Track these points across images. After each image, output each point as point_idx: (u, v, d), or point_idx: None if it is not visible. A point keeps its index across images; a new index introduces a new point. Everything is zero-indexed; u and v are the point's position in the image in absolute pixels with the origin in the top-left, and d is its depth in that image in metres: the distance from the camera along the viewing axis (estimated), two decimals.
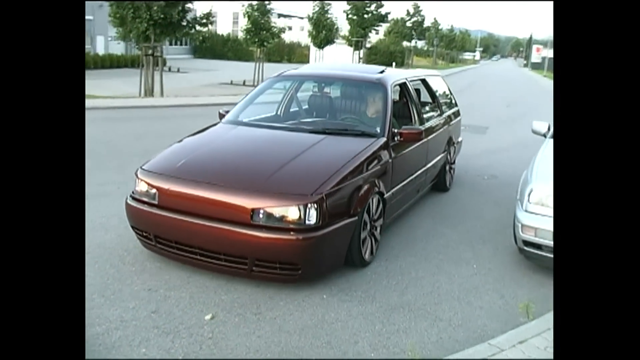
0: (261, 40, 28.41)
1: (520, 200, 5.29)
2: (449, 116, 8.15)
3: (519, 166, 7.27)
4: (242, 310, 4.24)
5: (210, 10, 20.34)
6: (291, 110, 7.03)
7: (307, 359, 3.67)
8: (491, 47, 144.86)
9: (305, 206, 4.36)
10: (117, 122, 13.41)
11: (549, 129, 6.62)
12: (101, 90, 20.48)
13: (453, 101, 8.96)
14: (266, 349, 3.74)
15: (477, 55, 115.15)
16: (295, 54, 61.87)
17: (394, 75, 6.86)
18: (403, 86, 6.79)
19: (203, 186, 4.63)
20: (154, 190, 4.81)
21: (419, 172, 6.67)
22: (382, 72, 6.94)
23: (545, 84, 41.98)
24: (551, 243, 4.81)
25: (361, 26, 35.70)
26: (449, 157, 8.04)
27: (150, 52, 19.29)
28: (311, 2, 37.29)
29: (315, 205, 4.37)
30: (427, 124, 6.95)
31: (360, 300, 4.53)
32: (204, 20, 20.01)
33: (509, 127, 15.16)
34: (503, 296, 4.77)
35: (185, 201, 4.64)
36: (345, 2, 37.85)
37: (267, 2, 28.56)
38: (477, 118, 15.61)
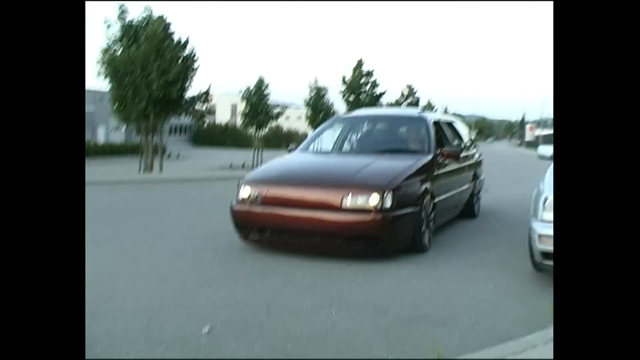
0: (259, 123, 28.71)
1: (535, 213, 5.03)
2: (472, 154, 9.47)
3: (521, 215, 7.97)
4: (243, 324, 3.89)
5: (209, 89, 20.60)
6: (351, 141, 8.29)
7: (306, 359, 3.30)
8: (485, 130, 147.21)
9: (383, 193, 5.69)
10: (114, 193, 13.25)
11: (553, 151, 6.47)
12: (100, 173, 20.45)
13: (474, 143, 10.40)
14: (270, 355, 3.36)
15: (473, 137, 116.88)
16: (293, 141, 62.66)
17: (430, 113, 8.69)
18: (437, 123, 8.00)
19: (301, 186, 6.13)
20: (256, 193, 6.15)
21: (455, 190, 7.87)
22: (420, 111, 8.68)
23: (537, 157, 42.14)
24: None
25: (357, 106, 36.09)
26: (475, 187, 9.19)
27: (150, 129, 19.38)
28: (307, 88, 38.12)
29: (391, 193, 5.73)
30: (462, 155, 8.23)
31: (372, 314, 4.17)
32: (202, 98, 20.24)
33: (507, 188, 15.05)
34: (526, 308, 4.40)
35: (286, 198, 6.02)
36: (341, 83, 38.48)
37: (264, 86, 29.05)
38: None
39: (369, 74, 39.02)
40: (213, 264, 5.67)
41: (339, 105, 38.77)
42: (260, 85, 28.86)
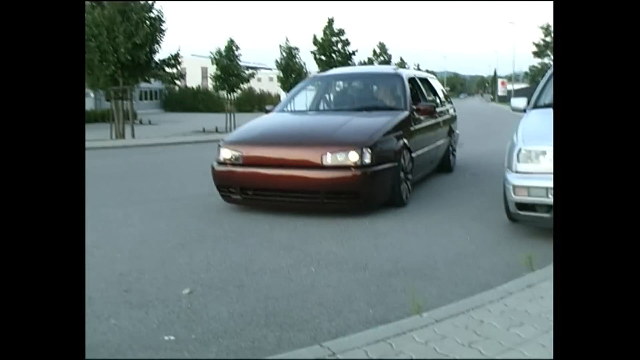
0: (231, 86, 28.37)
1: (509, 165, 5.06)
2: (447, 109, 9.62)
3: (495, 167, 7.98)
4: (223, 284, 3.89)
5: (178, 52, 20.24)
6: (328, 100, 8.52)
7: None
8: (457, 86, 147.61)
9: (362, 150, 5.78)
10: (88, 159, 13.03)
11: (527, 102, 6.50)
12: None
13: (449, 99, 10.50)
14: (252, 314, 3.37)
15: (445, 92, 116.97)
16: (265, 103, 61.98)
17: (405, 70, 9.00)
18: (412, 80, 8.15)
19: (282, 145, 6.21)
20: (237, 154, 6.22)
21: (432, 145, 7.95)
22: (395, 68, 8.96)
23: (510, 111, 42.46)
24: (545, 200, 4.62)
25: (329, 66, 35.87)
26: (451, 142, 9.35)
27: (119, 95, 19.04)
28: (278, 49, 37.67)
29: (369, 150, 5.82)
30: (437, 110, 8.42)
31: (351, 270, 4.20)
32: (172, 62, 19.90)
33: (481, 142, 15.14)
34: (502, 258, 4.47)
35: (268, 158, 6.12)
36: (312, 43, 38.15)
37: (234, 48, 28.63)
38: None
39: (340, 32, 38.73)
40: (190, 226, 5.64)
41: (311, 66, 38.53)
42: (231, 46, 28.46)
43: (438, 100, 9.23)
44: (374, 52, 50.30)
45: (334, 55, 37.96)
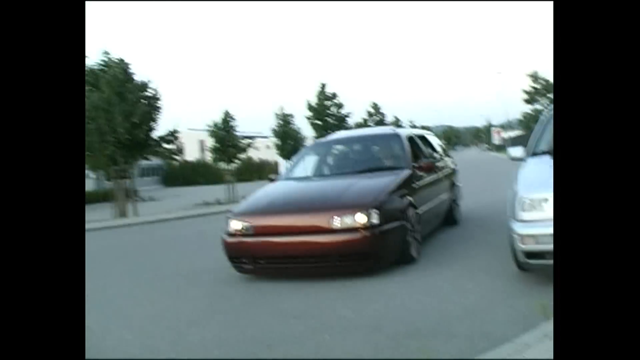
0: (229, 157, 28.58)
1: (512, 214, 5.07)
2: (447, 164, 9.74)
3: (497, 217, 8.04)
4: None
5: (175, 128, 20.52)
6: (331, 164, 8.56)
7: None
8: (453, 138, 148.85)
9: (368, 211, 5.88)
10: (91, 241, 13.04)
11: (524, 152, 6.56)
12: None
13: (447, 153, 10.73)
14: None
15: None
16: (264, 171, 62.38)
17: (404, 129, 9.30)
18: (411, 138, 8.30)
19: (290, 213, 6.33)
20: (248, 224, 6.30)
21: (436, 200, 8.06)
22: (393, 129, 9.16)
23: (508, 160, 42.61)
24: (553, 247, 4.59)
25: (325, 129, 36.27)
26: (454, 195, 9.49)
27: (120, 174, 19.21)
28: (274, 117, 38.19)
29: (376, 210, 5.92)
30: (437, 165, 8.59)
31: (365, 334, 4.14)
32: (169, 137, 20.15)
33: (482, 193, 15.16)
34: (516, 309, 4.41)
35: (278, 227, 6.21)
36: (307, 109, 38.65)
37: (230, 119, 28.99)
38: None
39: (333, 96, 39.27)
40: (200, 302, 5.61)
41: (307, 131, 38.97)
42: (226, 118, 28.78)
43: (437, 156, 9.37)
44: (368, 112, 50.83)
45: (328, 119, 38.40)
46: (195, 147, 68.94)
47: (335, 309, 4.88)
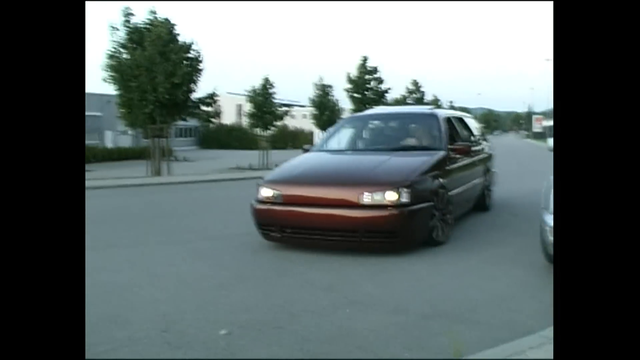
0: (265, 123, 28.64)
1: (546, 205, 5.02)
2: (483, 148, 9.67)
3: (532, 207, 7.92)
4: (261, 326, 3.91)
5: (214, 91, 20.61)
6: (365, 140, 8.55)
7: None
8: (492, 122, 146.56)
9: (399, 189, 5.89)
10: (124, 197, 13.30)
11: None
12: (109, 178, 20.48)
13: (484, 137, 10.61)
14: (290, 356, 3.37)
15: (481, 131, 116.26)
16: (299, 139, 62.46)
17: (442, 110, 9.19)
18: (448, 120, 8.23)
19: (320, 185, 6.33)
20: (277, 193, 6.38)
21: (468, 184, 8.05)
22: (432, 108, 8.99)
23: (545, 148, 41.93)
24: None
25: (363, 103, 36.04)
26: (486, 181, 9.40)
27: (157, 133, 19.43)
28: (312, 87, 38.05)
29: (407, 189, 5.92)
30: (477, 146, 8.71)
31: (389, 312, 4.18)
32: (208, 100, 20.27)
33: (517, 181, 14.98)
34: (542, 301, 4.39)
35: (307, 197, 6.25)
36: (346, 81, 38.43)
37: (269, 85, 28.99)
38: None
39: (374, 70, 38.92)
40: (229, 267, 5.68)
41: (345, 103, 38.81)
42: (266, 84, 28.80)
43: (473, 139, 9.24)
44: (408, 89, 50.36)
45: (367, 92, 38.13)
46: (232, 111, 69.33)
47: (361, 285, 4.92)
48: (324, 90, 37.87)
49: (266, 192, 6.48)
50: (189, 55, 19.63)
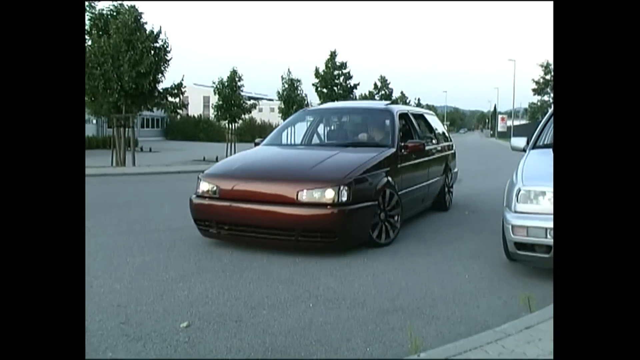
0: (232, 116, 28.44)
1: (508, 204, 5.09)
2: (444, 147, 9.49)
3: (494, 205, 8.15)
4: (221, 318, 3.89)
5: (181, 81, 20.39)
6: (316, 134, 8.36)
7: (301, 359, 3.30)
8: (457, 120, 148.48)
9: (339, 187, 5.64)
10: (88, 185, 13.04)
11: (527, 142, 6.55)
12: None
13: (448, 136, 10.35)
14: (249, 349, 3.36)
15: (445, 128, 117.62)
16: (266, 133, 62.04)
17: (398, 106, 8.68)
18: (405, 116, 8.12)
19: (258, 180, 6.07)
20: (215, 188, 6.14)
21: (423, 183, 7.87)
22: (387, 104, 8.61)
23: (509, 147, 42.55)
24: (544, 241, 4.66)
25: (331, 98, 36.12)
26: (447, 180, 9.24)
27: (121, 122, 19.14)
28: (280, 81, 37.88)
29: (347, 187, 5.67)
30: (427, 147, 8.16)
31: (349, 306, 4.19)
32: (175, 91, 20.04)
33: (480, 179, 15.17)
34: (500, 297, 4.47)
35: (244, 192, 5.96)
36: (314, 75, 38.43)
37: (237, 78, 28.78)
38: None
39: (343, 65, 39.03)
40: (189, 258, 5.64)
41: (313, 98, 38.81)
42: (233, 77, 28.58)
43: (434, 138, 9.15)
44: (375, 85, 50.63)
45: (335, 88, 38.21)
46: (199, 102, 68.78)
47: (321, 278, 4.93)
48: (292, 84, 37.76)
49: (204, 186, 6.26)
50: (156, 44, 19.37)
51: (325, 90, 38.09)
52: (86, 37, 18.89)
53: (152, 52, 18.99)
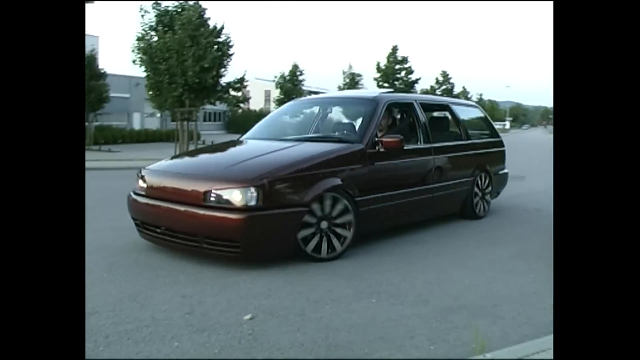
0: None
1: None
2: (481, 144, 8.20)
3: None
4: (284, 312, 3.91)
5: (244, 75, 20.63)
6: (290, 126, 7.50)
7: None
8: (520, 116, 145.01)
9: (247, 189, 4.82)
10: None
11: None
12: (137, 159, 20.65)
13: (491, 132, 8.98)
14: (312, 344, 3.37)
15: (507, 124, 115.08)
16: None
17: (395, 95, 7.52)
18: (404, 107, 7.17)
19: (171, 176, 5.53)
20: (143, 184, 5.66)
21: (418, 188, 6.63)
22: (385, 92, 7.33)
23: None
24: None
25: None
26: (480, 184, 7.87)
27: (185, 116, 19.54)
28: (341, 75, 37.90)
29: (257, 189, 4.83)
30: (437, 144, 7.04)
31: (412, 303, 4.15)
32: (237, 85, 20.30)
33: (542, 176, 14.77)
34: None
35: (159, 190, 5.46)
36: (376, 70, 38.27)
37: (298, 72, 28.98)
38: (515, 171, 15.35)
39: (404, 60, 38.72)
40: None
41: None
42: (295, 71, 28.86)
43: (461, 133, 7.83)
44: (437, 80, 50.02)
45: (396, 82, 37.95)
46: (261, 96, 69.49)
47: (384, 274, 4.89)
48: (353, 79, 37.78)
49: (140, 182, 5.76)
50: (219, 39, 19.65)
51: (386, 84, 37.89)
52: (152, 33, 19.34)
53: (216, 47, 19.27)
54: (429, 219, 7.13)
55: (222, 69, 19.60)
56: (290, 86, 28.48)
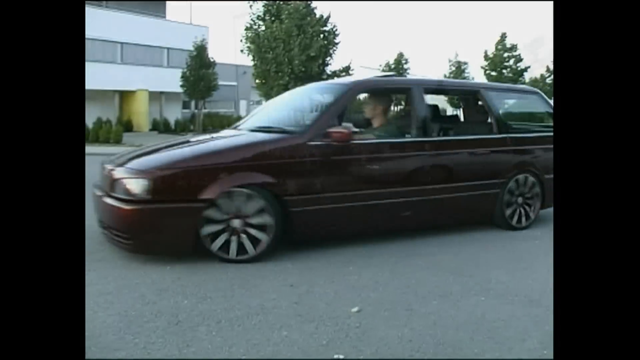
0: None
1: None
2: (527, 139, 6.68)
3: None
4: (391, 306, 3.88)
5: (349, 64, 20.71)
6: (268, 116, 6.49)
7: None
8: None
9: (141, 181, 4.64)
10: None
11: None
12: None
13: (540, 128, 7.18)
14: (420, 340, 3.33)
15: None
16: None
17: (380, 80, 6.47)
18: (400, 92, 6.66)
19: (118, 166, 5.07)
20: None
21: (401, 189, 5.63)
22: (383, 76, 6.77)
23: None
24: None
25: (499, 81, 34.85)
26: (516, 187, 6.41)
27: None
28: (447, 63, 37.17)
29: (148, 181, 4.62)
30: (438, 138, 6.08)
31: (523, 303, 4.01)
32: (343, 74, 20.41)
33: None
34: None
35: (108, 179, 5.09)
36: (483, 58, 37.27)
37: (403, 61, 28.72)
38: None
39: (513, 47, 37.40)
40: (357, 243, 5.67)
41: (481, 81, 37.65)
42: (400, 60, 28.59)
43: (495, 125, 6.46)
44: (547, 68, 47.89)
45: (504, 71, 36.75)
46: None
47: (492, 272, 4.76)
48: (459, 67, 36.98)
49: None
50: (325, 28, 19.81)
51: (494, 73, 36.80)
52: (260, 22, 19.78)
53: (322, 35, 19.47)
54: (436, 225, 6.21)
55: (328, 58, 19.79)
56: (396, 74, 28.18)
